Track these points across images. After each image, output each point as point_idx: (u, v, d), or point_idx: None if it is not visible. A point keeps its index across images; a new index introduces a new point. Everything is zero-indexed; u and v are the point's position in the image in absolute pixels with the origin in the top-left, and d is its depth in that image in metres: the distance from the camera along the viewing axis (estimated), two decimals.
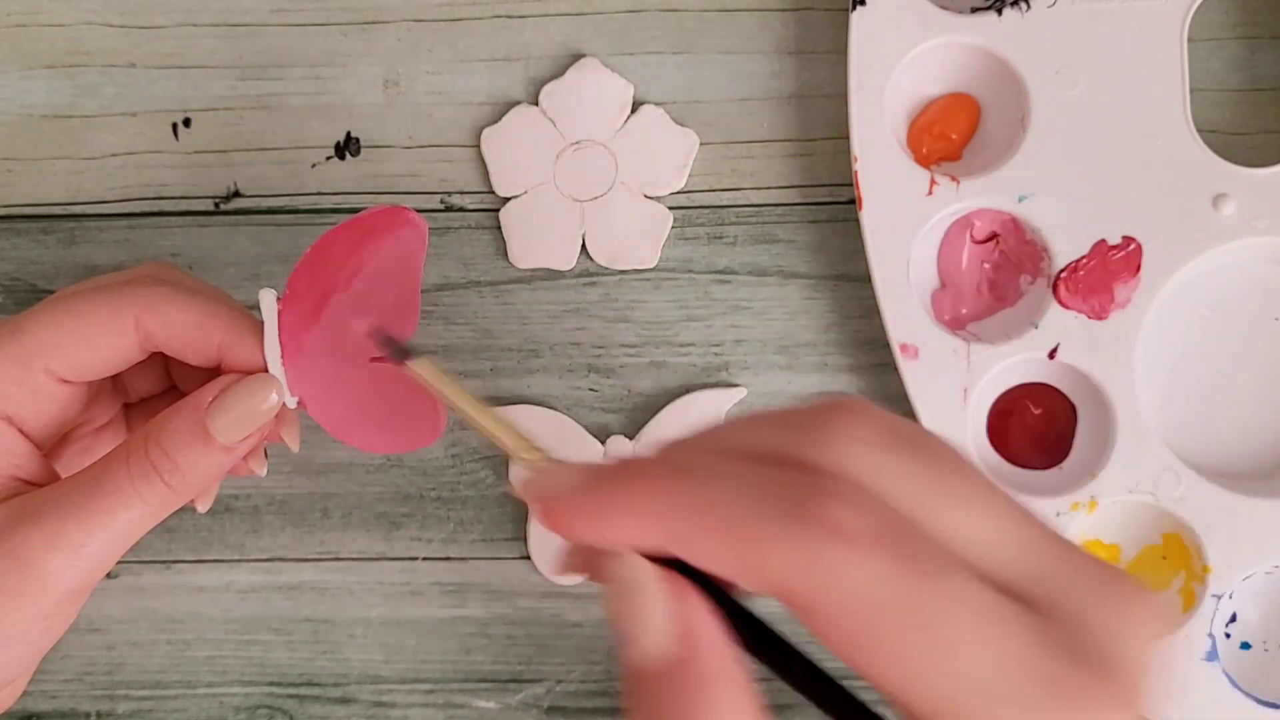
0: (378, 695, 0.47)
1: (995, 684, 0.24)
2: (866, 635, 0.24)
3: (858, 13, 0.44)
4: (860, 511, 0.25)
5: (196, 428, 0.36)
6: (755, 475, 0.26)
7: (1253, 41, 0.46)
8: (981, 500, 0.26)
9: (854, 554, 0.24)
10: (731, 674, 0.26)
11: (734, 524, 0.25)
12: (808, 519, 0.25)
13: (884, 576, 0.24)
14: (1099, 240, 0.44)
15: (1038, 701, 0.24)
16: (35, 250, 0.47)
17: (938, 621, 0.24)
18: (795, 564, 0.25)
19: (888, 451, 0.26)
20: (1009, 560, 0.26)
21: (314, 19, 0.47)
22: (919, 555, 0.25)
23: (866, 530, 0.24)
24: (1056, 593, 0.25)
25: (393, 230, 0.37)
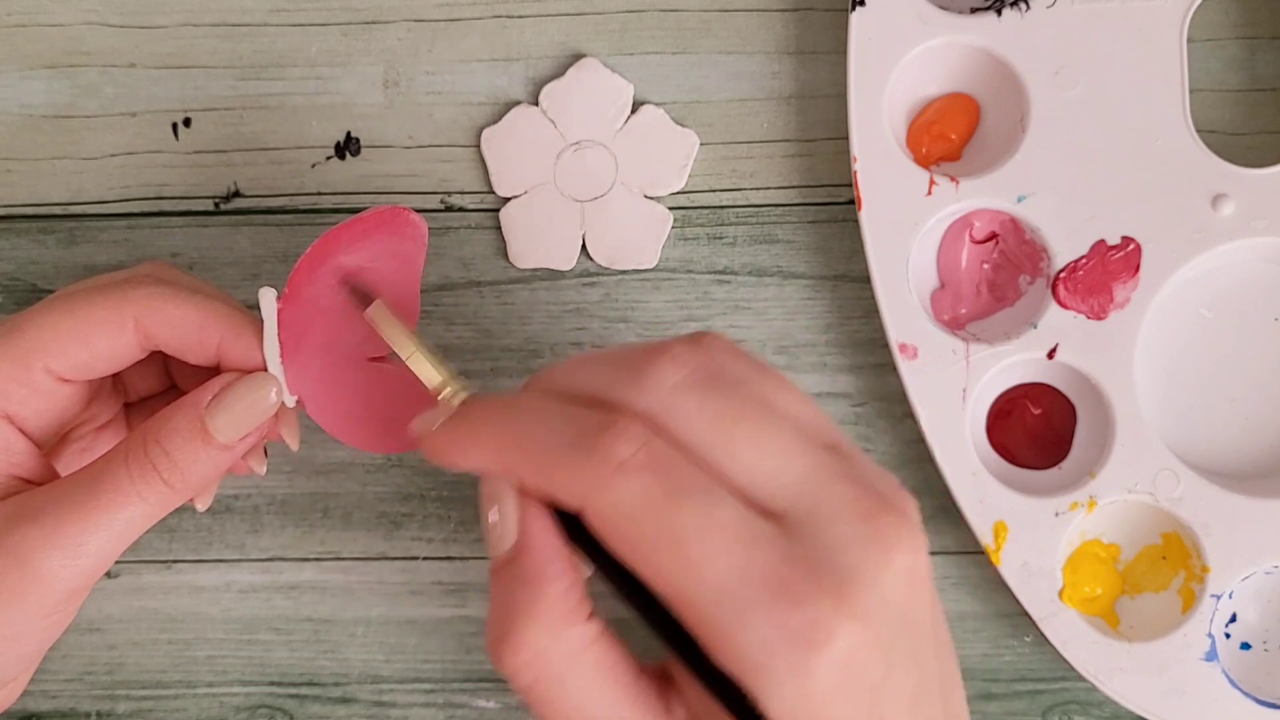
0: (378, 695, 0.47)
1: (736, 590, 0.29)
2: (634, 549, 0.30)
3: (858, 13, 0.44)
4: (634, 445, 0.30)
5: (195, 426, 0.36)
6: (566, 414, 0.31)
7: (1252, 42, 0.46)
8: (765, 437, 0.31)
9: (622, 480, 0.30)
10: (557, 569, 0.32)
11: (539, 456, 0.31)
12: (591, 451, 0.30)
13: (645, 499, 0.30)
14: (1098, 240, 0.44)
15: (767, 604, 0.29)
16: (35, 250, 0.47)
17: (688, 537, 0.29)
18: (580, 489, 0.30)
19: (689, 394, 0.31)
20: (778, 488, 0.31)
21: (314, 19, 0.47)
22: (680, 482, 0.30)
23: (636, 461, 0.30)
24: (809, 513, 0.30)
25: (392, 230, 0.38)
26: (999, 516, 0.44)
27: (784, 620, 0.29)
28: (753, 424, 0.31)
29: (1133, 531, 0.45)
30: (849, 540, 0.30)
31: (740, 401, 0.31)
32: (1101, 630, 0.44)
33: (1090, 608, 0.45)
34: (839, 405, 0.46)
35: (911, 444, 0.46)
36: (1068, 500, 0.44)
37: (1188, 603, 0.44)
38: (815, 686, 0.29)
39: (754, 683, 0.29)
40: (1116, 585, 0.45)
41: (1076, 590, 0.44)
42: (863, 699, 0.30)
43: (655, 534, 0.30)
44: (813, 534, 0.30)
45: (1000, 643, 0.46)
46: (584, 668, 0.31)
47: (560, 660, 0.31)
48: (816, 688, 0.29)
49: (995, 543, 0.44)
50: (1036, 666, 0.46)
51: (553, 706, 0.31)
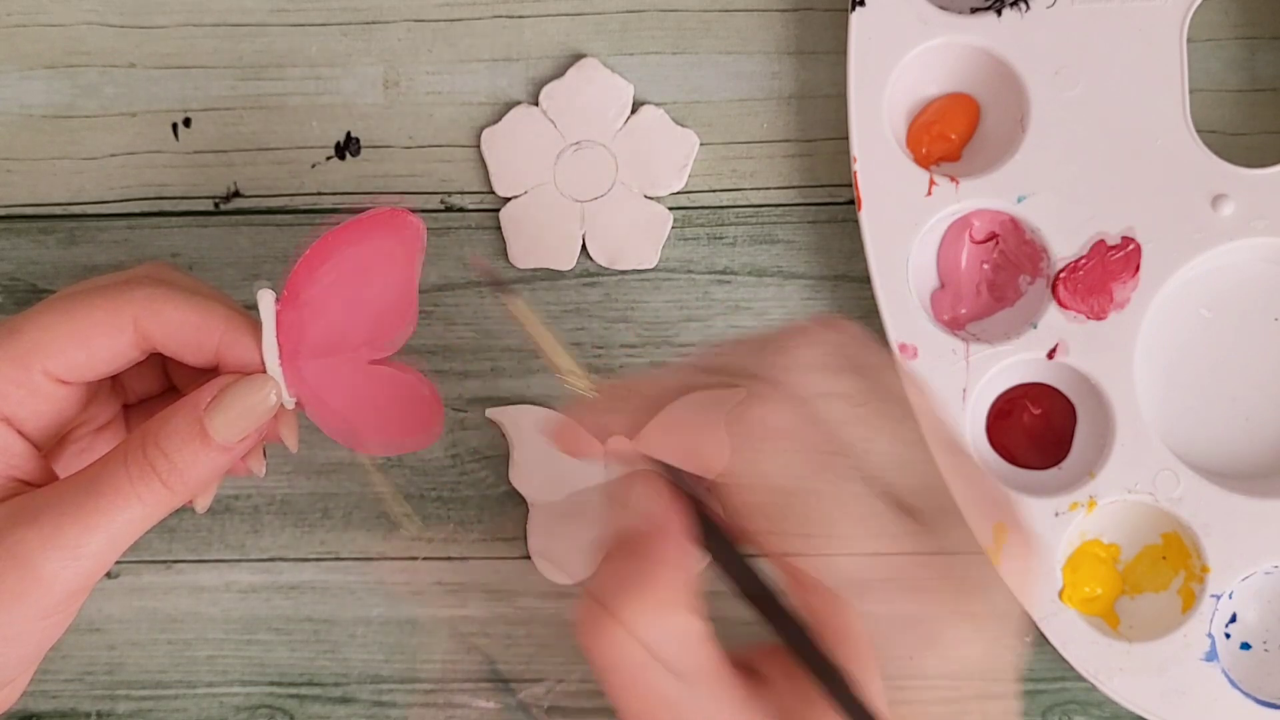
0: (378, 695, 0.47)
1: (860, 577, 0.30)
2: (772, 514, 0.30)
3: (857, 13, 0.44)
4: (779, 415, 0.30)
5: (194, 428, 0.36)
6: (716, 385, 0.32)
7: (1252, 42, 0.46)
8: (889, 428, 0.32)
9: (767, 446, 0.30)
10: (685, 557, 0.32)
11: (687, 426, 0.32)
12: (738, 418, 0.30)
13: (788, 466, 0.30)
14: (1098, 240, 0.44)
15: (892, 594, 0.30)
16: (35, 250, 0.47)
17: (827, 512, 0.30)
18: (725, 452, 0.30)
19: (826, 373, 0.32)
20: (897, 477, 0.31)
21: (314, 19, 0.47)
22: (820, 455, 0.30)
23: (781, 430, 0.30)
24: (941, 512, 0.31)
25: (390, 230, 0.38)
26: (999, 516, 0.44)
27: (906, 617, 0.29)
28: (877, 413, 0.32)
29: (1133, 531, 0.45)
30: (976, 553, 0.31)
31: (868, 385, 0.32)
32: (1101, 630, 0.44)
33: (1090, 608, 0.45)
34: None
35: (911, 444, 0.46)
36: (1068, 500, 0.44)
37: (1188, 603, 0.44)
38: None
39: (864, 670, 0.29)
40: (1116, 585, 0.45)
41: (1076, 590, 0.44)
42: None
43: (791, 501, 0.30)
44: (943, 534, 0.31)
45: None
46: (689, 653, 0.31)
47: (667, 642, 0.31)
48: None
49: (995, 543, 0.44)
50: (1036, 666, 0.46)
51: (642, 689, 0.31)
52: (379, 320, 0.38)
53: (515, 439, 0.46)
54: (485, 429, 0.47)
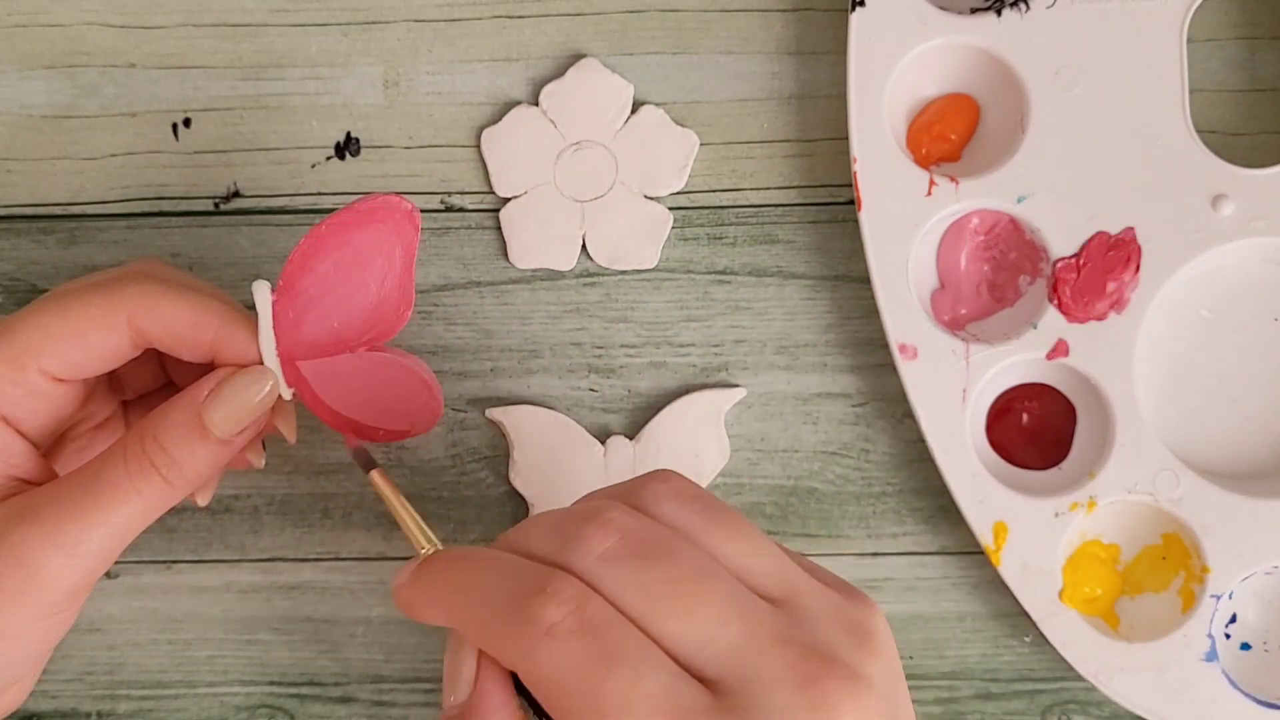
0: (378, 695, 0.47)
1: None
2: (563, 711, 0.30)
3: (857, 13, 0.44)
4: (565, 609, 0.30)
5: (193, 422, 0.36)
6: (508, 574, 0.31)
7: (1252, 42, 0.46)
8: (698, 605, 0.30)
9: (550, 645, 0.29)
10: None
11: (479, 614, 0.31)
12: (523, 613, 0.30)
13: (571, 664, 0.29)
14: (1098, 240, 0.44)
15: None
16: (35, 250, 0.47)
17: (612, 705, 0.29)
18: (512, 650, 0.30)
19: (618, 563, 0.31)
20: (710, 655, 0.30)
21: (314, 19, 0.47)
22: (609, 649, 0.29)
23: (565, 627, 0.29)
24: (744, 681, 0.29)
25: (385, 218, 0.38)
26: (999, 517, 0.44)
27: None
28: (682, 591, 0.30)
29: (1133, 532, 0.45)
30: (787, 708, 0.29)
31: (668, 569, 0.31)
32: (1101, 630, 0.44)
33: (1090, 608, 0.45)
34: (839, 405, 0.46)
35: (911, 444, 0.46)
36: (1068, 500, 0.44)
37: (1188, 603, 0.44)
38: None
39: None
40: (1116, 585, 0.45)
41: (1076, 590, 0.44)
42: None
43: (582, 701, 0.29)
44: (748, 704, 0.29)
45: (1000, 643, 0.46)
46: None
47: None
48: None
49: (995, 543, 0.44)
50: (1036, 666, 0.46)
51: None
52: (376, 309, 0.38)
53: (515, 439, 0.46)
54: (485, 429, 0.47)
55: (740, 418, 0.47)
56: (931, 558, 0.46)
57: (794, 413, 0.46)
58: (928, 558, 0.46)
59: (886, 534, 0.46)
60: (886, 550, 0.46)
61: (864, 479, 0.46)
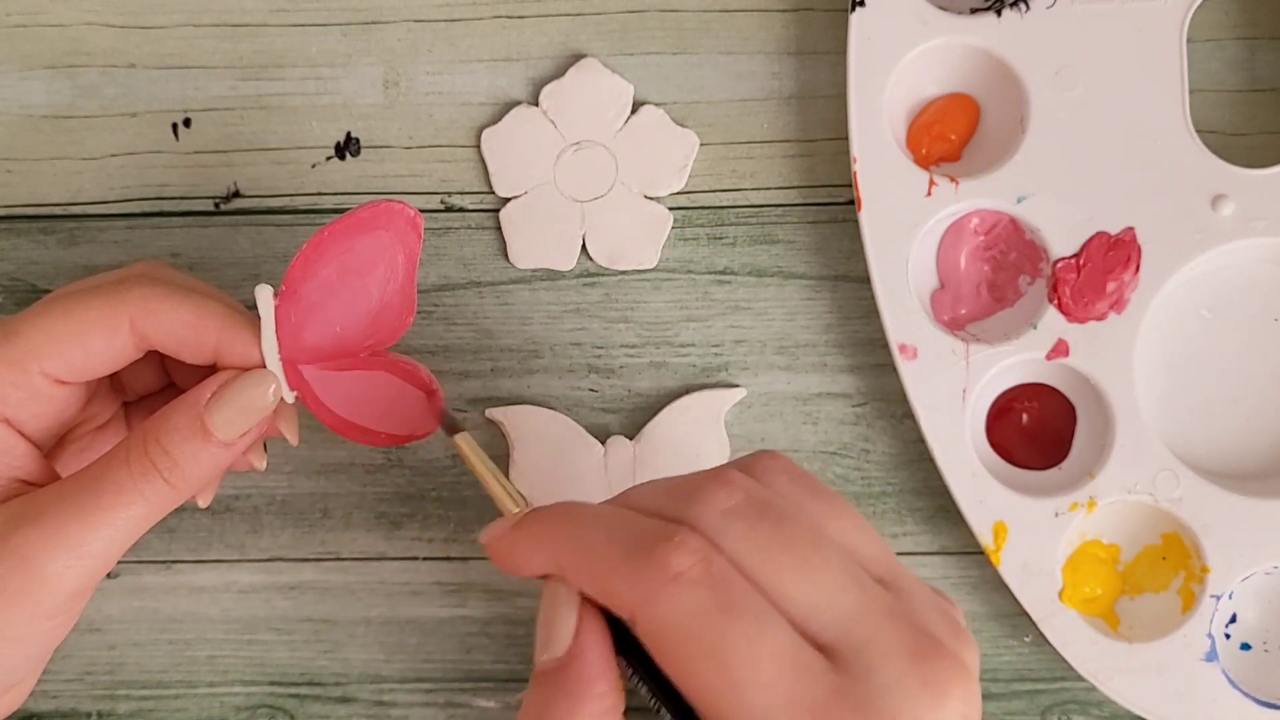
0: (378, 695, 0.47)
1: (779, 718, 0.29)
2: (681, 662, 0.30)
3: (857, 13, 0.44)
4: (692, 559, 0.30)
5: (195, 424, 0.36)
6: (629, 525, 0.32)
7: (1252, 42, 0.46)
8: (817, 569, 0.31)
9: (676, 591, 0.30)
10: (604, 686, 0.32)
11: (597, 561, 0.32)
12: (649, 561, 0.30)
13: (698, 612, 0.30)
14: (1098, 240, 0.44)
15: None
16: (35, 250, 0.47)
17: (736, 657, 0.29)
18: (635, 595, 0.30)
19: (742, 520, 0.31)
20: (828, 621, 0.30)
21: (314, 19, 0.47)
22: (734, 600, 0.30)
23: (693, 575, 0.30)
24: (859, 650, 0.30)
25: (388, 223, 0.38)
26: (999, 517, 0.44)
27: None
28: (802, 555, 0.31)
29: (1133, 532, 0.45)
30: (900, 682, 0.30)
31: (790, 531, 0.32)
32: (1101, 630, 0.44)
33: (1090, 608, 0.45)
34: (839, 405, 0.46)
35: (911, 444, 0.46)
36: (1067, 501, 0.44)
37: (1188, 603, 0.44)
38: None
39: None
40: (1116, 585, 0.45)
41: (1076, 590, 0.44)
42: None
43: (704, 649, 0.30)
44: (863, 671, 0.30)
45: (1000, 643, 0.46)
46: None
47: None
48: None
49: (995, 543, 0.44)
50: (1036, 666, 0.46)
51: None
52: (378, 313, 0.38)
53: (515, 439, 0.46)
54: (485, 429, 0.47)
55: (740, 418, 0.47)
56: (931, 558, 0.46)
57: (794, 413, 0.47)
58: (928, 558, 0.46)
59: (886, 534, 0.46)
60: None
61: (864, 479, 0.46)
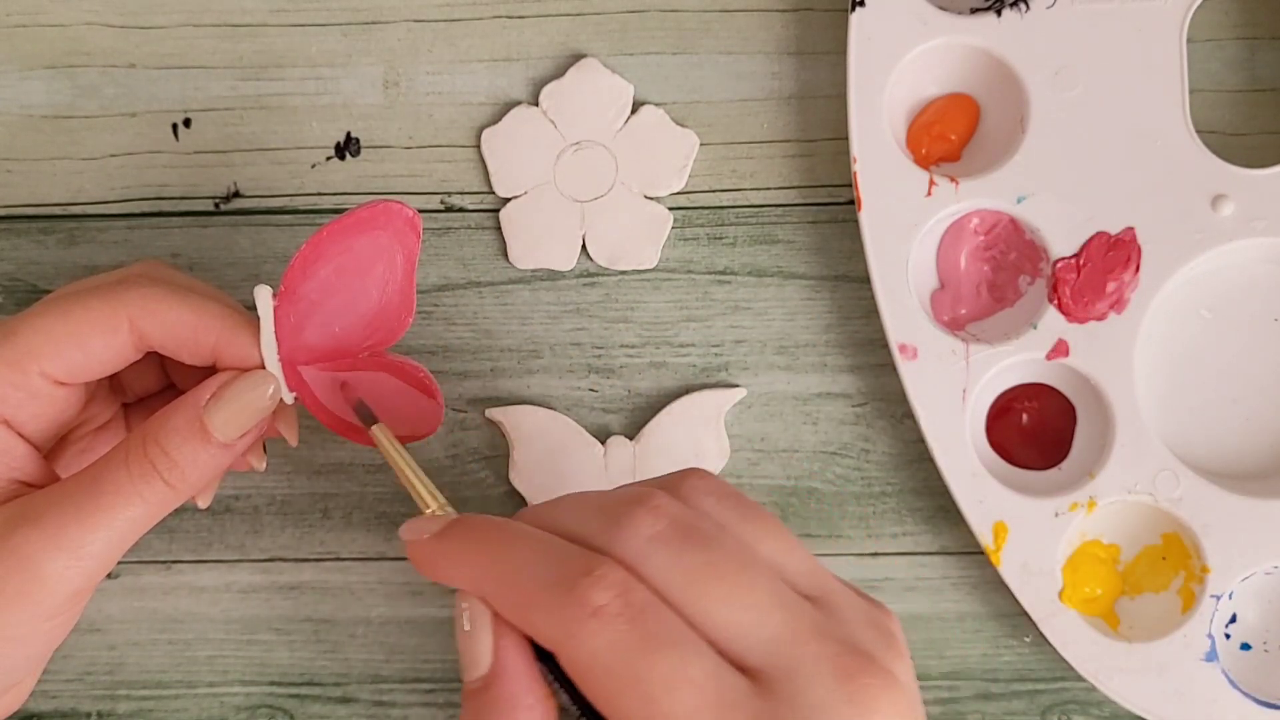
0: (378, 695, 0.47)
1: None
2: (604, 694, 0.30)
3: (857, 13, 0.44)
4: (612, 592, 0.30)
5: (194, 425, 0.36)
6: (550, 554, 0.31)
7: (1252, 42, 0.46)
8: (742, 593, 0.31)
9: (596, 626, 0.30)
10: (525, 699, 0.32)
11: (519, 590, 0.31)
12: (570, 594, 0.30)
13: (619, 646, 0.29)
14: (1098, 240, 0.44)
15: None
16: (35, 250, 0.47)
17: (656, 688, 0.29)
18: (556, 629, 0.30)
19: (667, 546, 0.31)
20: (753, 644, 0.30)
21: (314, 19, 0.47)
22: (656, 632, 0.30)
23: (613, 609, 0.30)
24: (785, 672, 0.30)
25: (386, 223, 0.38)
26: (999, 517, 0.44)
27: None
28: (727, 579, 0.31)
29: (1132, 532, 0.45)
30: (825, 701, 0.29)
31: (715, 555, 0.31)
32: (1101, 630, 0.44)
33: (1090, 608, 0.45)
34: (839, 405, 0.46)
35: (911, 444, 0.46)
36: (1067, 501, 0.44)
37: (1188, 603, 0.44)
38: None
39: None
40: (1116, 585, 0.45)
41: (1076, 590, 0.44)
42: None
43: (627, 682, 0.29)
44: (789, 694, 0.30)
45: (1000, 643, 0.46)
46: None
47: None
48: None
49: (995, 543, 0.44)
50: (1036, 666, 0.46)
51: None
52: (377, 315, 0.38)
53: (515, 439, 0.46)
54: (485, 429, 0.47)
55: (740, 418, 0.47)
56: (931, 558, 0.46)
57: (794, 413, 0.47)
58: (928, 558, 0.46)
59: (886, 534, 0.46)
60: (886, 550, 0.46)
61: (864, 479, 0.46)
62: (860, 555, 0.46)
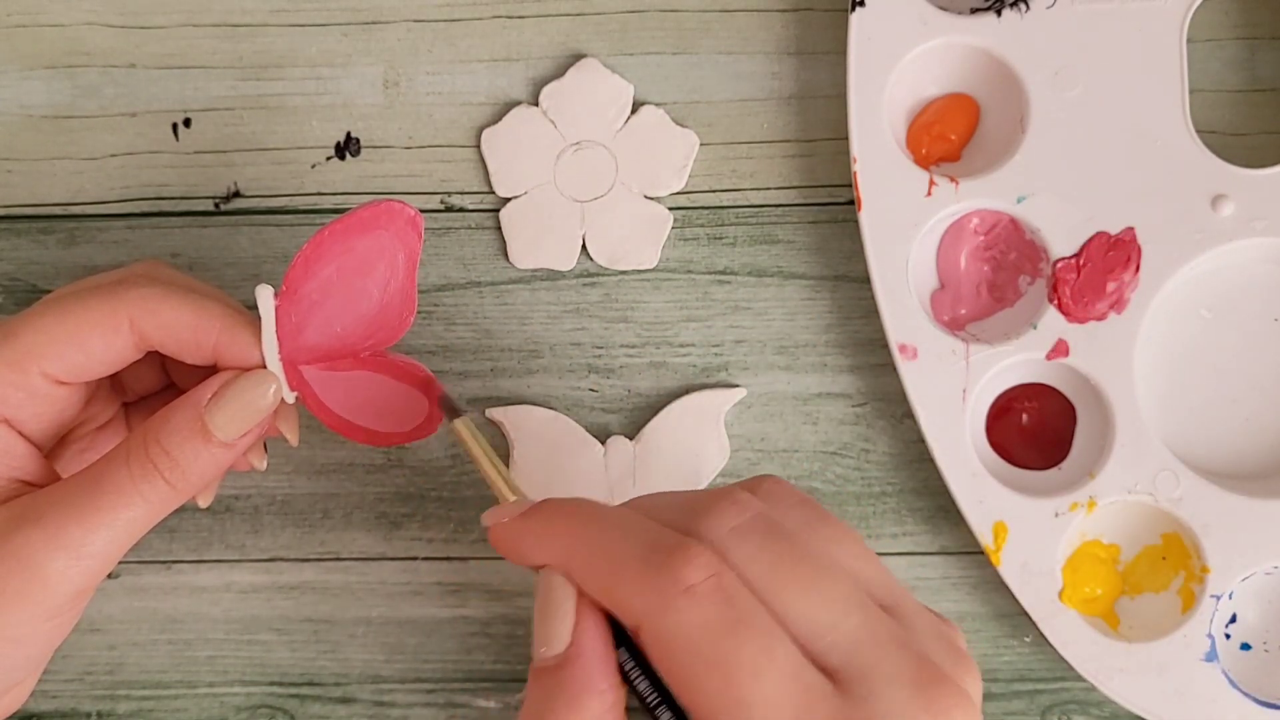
0: (378, 695, 0.47)
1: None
2: (686, 673, 0.30)
3: (857, 13, 0.44)
4: (706, 572, 0.30)
5: (195, 425, 0.36)
6: (643, 531, 0.32)
7: (1252, 42, 0.46)
8: (823, 591, 0.31)
9: (687, 603, 0.30)
10: (600, 684, 0.31)
11: (608, 563, 0.31)
12: (662, 571, 0.30)
13: (708, 626, 0.30)
14: (1098, 240, 0.44)
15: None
16: (35, 250, 0.47)
17: (743, 674, 0.29)
18: (645, 603, 0.30)
19: (751, 538, 0.31)
20: (832, 641, 0.30)
21: (314, 19, 0.47)
22: (744, 617, 0.30)
23: (705, 588, 0.30)
24: (862, 674, 0.30)
25: (388, 223, 0.38)
26: (999, 517, 0.44)
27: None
28: (809, 576, 0.31)
29: (1132, 532, 0.45)
30: (903, 710, 0.30)
31: (797, 552, 0.32)
32: (1101, 630, 0.44)
33: (1090, 608, 0.45)
34: (839, 405, 0.46)
35: (911, 444, 0.46)
36: (1067, 501, 0.44)
37: (1188, 603, 0.44)
38: None
39: None
40: (1116, 585, 0.45)
41: (1076, 590, 0.44)
42: None
43: (711, 664, 0.29)
44: (866, 696, 0.30)
45: (1000, 643, 0.46)
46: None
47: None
48: None
49: (995, 543, 0.44)
50: (1036, 666, 0.46)
51: None
52: (378, 315, 0.38)
53: (515, 439, 0.46)
54: (485, 429, 0.47)
55: (740, 418, 0.47)
56: (931, 558, 0.46)
57: (794, 413, 0.47)
58: (928, 558, 0.46)
59: (886, 534, 0.46)
60: (886, 550, 0.46)
61: (864, 479, 0.46)
62: None
